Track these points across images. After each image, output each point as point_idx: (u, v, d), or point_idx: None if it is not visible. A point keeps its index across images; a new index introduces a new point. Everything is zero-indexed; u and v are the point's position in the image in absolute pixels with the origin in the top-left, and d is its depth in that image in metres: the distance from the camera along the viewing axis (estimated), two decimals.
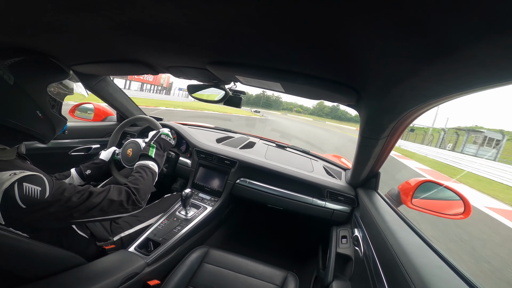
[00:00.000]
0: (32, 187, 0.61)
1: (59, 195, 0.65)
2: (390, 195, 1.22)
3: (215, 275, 1.04)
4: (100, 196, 0.74)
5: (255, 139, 2.07)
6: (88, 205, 0.70)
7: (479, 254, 2.95)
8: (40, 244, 0.68)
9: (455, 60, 0.37)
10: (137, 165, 0.96)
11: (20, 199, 0.59)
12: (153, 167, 0.96)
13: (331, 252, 1.19)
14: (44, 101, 0.71)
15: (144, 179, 0.89)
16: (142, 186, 0.86)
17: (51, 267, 0.74)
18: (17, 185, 0.59)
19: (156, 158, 1.00)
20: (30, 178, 0.62)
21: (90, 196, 0.71)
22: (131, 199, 0.80)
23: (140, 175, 0.90)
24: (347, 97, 0.72)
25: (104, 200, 0.74)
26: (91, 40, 0.72)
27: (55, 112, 0.76)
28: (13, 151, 0.70)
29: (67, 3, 0.45)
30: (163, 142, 1.10)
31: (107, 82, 1.55)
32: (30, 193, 0.60)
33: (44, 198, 0.62)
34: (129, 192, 0.81)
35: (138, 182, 0.86)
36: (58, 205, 0.64)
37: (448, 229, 3.48)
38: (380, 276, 0.72)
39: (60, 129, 0.82)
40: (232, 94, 1.16)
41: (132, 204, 0.81)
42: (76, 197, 0.68)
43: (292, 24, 0.40)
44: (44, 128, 0.75)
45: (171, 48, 0.71)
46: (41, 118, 0.71)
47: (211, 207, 1.42)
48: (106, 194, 0.76)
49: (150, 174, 0.93)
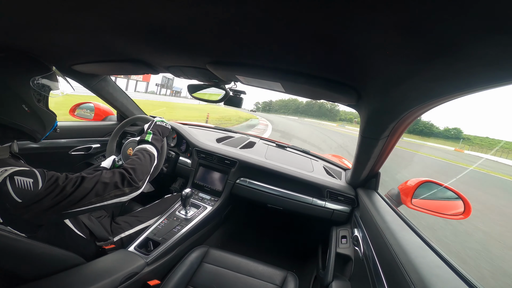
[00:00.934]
0: (24, 179, 0.61)
1: (53, 185, 0.65)
2: (390, 195, 1.22)
3: (215, 275, 1.04)
4: (93, 180, 0.72)
5: (255, 139, 2.07)
6: (82, 190, 0.69)
7: None
8: (39, 244, 0.68)
9: (455, 60, 0.37)
10: (135, 150, 0.96)
11: (15, 193, 0.59)
12: (150, 150, 0.95)
13: (331, 252, 1.19)
14: (28, 95, 0.71)
15: (140, 159, 0.88)
16: (138, 166, 0.84)
17: (50, 267, 0.74)
18: (9, 180, 0.59)
19: (154, 142, 1.00)
20: (21, 172, 0.62)
21: (82, 181, 0.71)
22: (126, 179, 0.79)
23: (137, 157, 0.89)
24: (347, 97, 0.72)
25: (97, 184, 0.73)
26: (91, 40, 0.72)
27: (42, 106, 0.76)
28: (5, 150, 0.70)
29: (68, 3, 0.45)
30: (159, 128, 1.10)
31: (107, 81, 1.55)
32: (23, 186, 0.60)
33: (38, 189, 0.62)
34: (123, 172, 0.80)
35: (134, 162, 0.85)
36: (53, 195, 0.64)
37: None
38: (380, 276, 0.72)
39: (50, 125, 0.82)
40: (232, 94, 1.16)
41: (128, 185, 0.79)
42: (69, 185, 0.68)
43: (292, 24, 0.40)
44: (33, 123, 0.74)
45: (172, 47, 0.71)
46: (28, 113, 0.71)
47: (211, 207, 1.42)
48: (99, 177, 0.74)
49: (147, 156, 0.92)
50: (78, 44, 0.78)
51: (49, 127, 0.82)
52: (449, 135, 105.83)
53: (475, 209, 1.27)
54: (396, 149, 2.34)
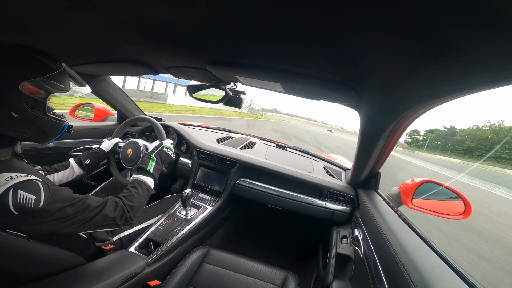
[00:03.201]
0: (27, 196, 0.60)
1: (53, 203, 0.64)
2: (391, 195, 1.22)
3: (215, 275, 1.04)
4: (95, 211, 0.72)
5: (255, 139, 2.07)
6: (81, 218, 0.69)
7: None
8: (39, 244, 0.68)
9: (455, 60, 0.37)
10: (135, 179, 0.94)
11: (13, 206, 0.58)
12: (149, 184, 0.95)
13: (332, 252, 1.19)
14: (16, 101, 0.64)
15: (139, 196, 0.88)
16: (136, 204, 0.85)
17: (51, 267, 0.74)
18: (12, 192, 0.58)
19: (154, 174, 0.99)
20: (26, 185, 0.61)
21: (85, 210, 0.70)
22: (125, 216, 0.80)
23: (137, 191, 0.88)
24: (347, 97, 0.72)
25: (98, 215, 0.73)
26: (91, 40, 0.72)
27: (37, 112, 0.70)
28: (8, 151, 0.69)
29: (67, 3, 0.45)
30: (164, 155, 1.08)
31: (107, 82, 1.56)
32: (24, 202, 0.59)
33: (38, 207, 0.61)
34: (125, 209, 0.80)
35: (134, 199, 0.85)
36: (51, 215, 0.63)
37: None
38: (380, 276, 0.72)
39: (54, 131, 0.78)
40: (232, 94, 1.16)
41: (125, 221, 0.80)
42: (71, 209, 0.67)
43: (292, 24, 0.40)
44: (26, 130, 0.70)
45: (171, 48, 0.71)
46: (18, 120, 0.66)
47: (211, 207, 1.42)
48: (102, 208, 0.74)
49: (146, 191, 0.92)
50: (77, 45, 0.77)
51: (53, 133, 0.78)
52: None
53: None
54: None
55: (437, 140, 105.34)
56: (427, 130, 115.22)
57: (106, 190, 1.30)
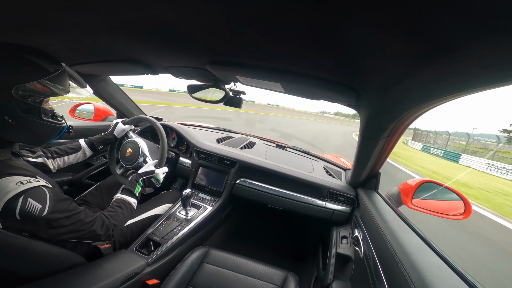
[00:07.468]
0: (34, 204, 0.62)
1: (53, 215, 0.67)
2: (390, 195, 1.22)
3: (215, 275, 1.04)
4: (86, 226, 0.76)
5: (255, 139, 2.07)
6: (71, 229, 0.73)
7: None
8: (38, 243, 0.69)
9: (455, 60, 0.36)
10: (121, 199, 0.98)
11: (19, 212, 0.60)
12: (133, 205, 1.00)
13: (331, 252, 1.19)
14: (8, 105, 0.63)
15: (123, 215, 0.93)
16: (119, 223, 0.90)
17: (51, 266, 0.74)
18: (22, 199, 0.60)
19: (138, 196, 1.05)
20: (36, 193, 0.63)
21: (78, 223, 0.74)
22: (108, 233, 0.84)
23: (122, 212, 0.93)
24: (347, 97, 0.72)
25: (87, 230, 0.77)
26: (90, 40, 0.72)
27: (31, 116, 0.68)
28: (7, 152, 0.69)
29: (67, 3, 0.45)
30: (149, 182, 1.14)
31: (107, 82, 1.55)
32: (30, 209, 0.62)
33: (41, 215, 0.64)
34: (110, 227, 0.85)
35: (118, 218, 0.90)
36: (47, 223, 0.66)
37: None
38: (380, 276, 0.72)
39: (51, 134, 0.77)
40: (232, 94, 1.16)
41: (107, 238, 0.84)
42: (66, 221, 0.71)
43: (292, 24, 0.40)
44: (20, 134, 0.69)
45: (171, 48, 0.71)
46: (12, 124, 0.65)
47: (211, 207, 1.42)
48: (92, 225, 0.78)
49: (129, 211, 0.97)
50: (76, 44, 0.77)
51: (49, 137, 0.78)
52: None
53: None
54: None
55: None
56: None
57: (101, 189, 1.31)
